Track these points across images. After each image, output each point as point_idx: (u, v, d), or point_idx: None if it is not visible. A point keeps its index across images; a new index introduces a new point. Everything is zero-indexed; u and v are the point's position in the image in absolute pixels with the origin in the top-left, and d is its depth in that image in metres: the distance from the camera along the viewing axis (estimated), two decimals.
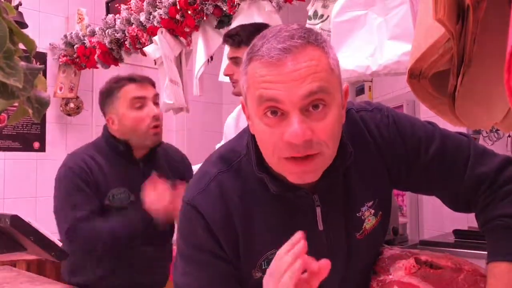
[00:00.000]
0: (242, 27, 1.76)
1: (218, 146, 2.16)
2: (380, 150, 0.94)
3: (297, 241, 0.74)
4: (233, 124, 2.01)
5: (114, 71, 3.35)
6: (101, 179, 1.61)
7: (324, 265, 0.74)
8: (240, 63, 1.73)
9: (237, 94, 1.84)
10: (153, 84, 1.71)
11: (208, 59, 2.45)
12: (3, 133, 3.25)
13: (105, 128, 1.72)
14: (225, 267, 0.89)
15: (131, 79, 1.66)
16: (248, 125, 0.89)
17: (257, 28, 1.80)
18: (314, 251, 0.82)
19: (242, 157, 0.91)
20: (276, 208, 0.89)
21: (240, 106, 1.99)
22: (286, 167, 0.80)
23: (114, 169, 1.64)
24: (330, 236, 0.91)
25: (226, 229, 0.88)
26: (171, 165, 1.77)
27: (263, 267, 0.88)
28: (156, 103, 1.67)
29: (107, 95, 1.68)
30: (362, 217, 0.93)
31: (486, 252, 0.90)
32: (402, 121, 0.97)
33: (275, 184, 0.86)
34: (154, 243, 1.70)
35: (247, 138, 0.92)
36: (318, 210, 0.89)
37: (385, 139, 0.94)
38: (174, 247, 1.06)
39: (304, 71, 0.77)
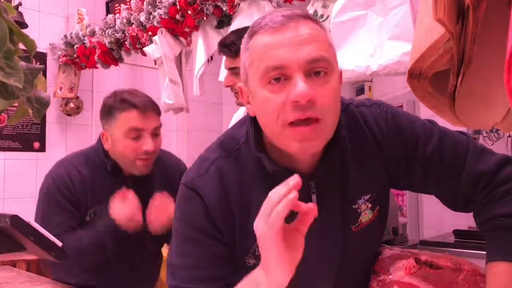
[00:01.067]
0: (238, 35, 1.67)
1: None
2: (378, 145, 0.94)
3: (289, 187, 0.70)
4: None
5: (114, 71, 3.36)
6: (83, 195, 1.56)
7: (312, 207, 0.71)
8: (239, 73, 1.69)
9: (241, 104, 1.79)
10: (158, 112, 1.59)
11: (208, 59, 2.45)
12: (3, 133, 3.25)
13: (100, 140, 1.64)
14: (221, 248, 0.90)
15: (135, 105, 1.53)
16: (247, 112, 0.90)
17: None
18: (307, 238, 0.82)
19: (241, 145, 0.92)
20: (268, 189, 0.88)
21: (243, 108, 1.99)
22: (289, 133, 0.81)
23: (99, 184, 1.58)
24: (325, 226, 0.91)
25: (223, 212, 0.89)
26: (166, 177, 1.67)
27: (256, 253, 0.89)
28: (155, 135, 1.57)
29: (108, 111, 1.58)
30: (359, 210, 0.93)
31: (486, 252, 0.90)
32: (401, 117, 0.97)
33: (272, 164, 0.87)
34: (141, 269, 1.69)
35: (246, 126, 0.93)
36: (314, 197, 0.89)
37: (384, 134, 0.94)
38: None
39: (306, 37, 0.80)
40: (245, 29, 1.86)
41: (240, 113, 2.04)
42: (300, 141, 0.81)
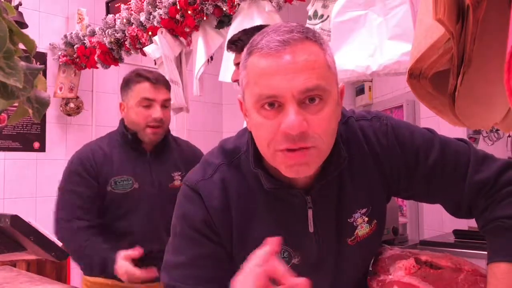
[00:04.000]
0: (244, 31, 1.75)
1: None
2: (377, 159, 0.94)
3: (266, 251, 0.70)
4: None
5: (114, 71, 3.36)
6: (105, 167, 1.73)
7: (303, 284, 0.68)
8: None
9: None
10: (168, 87, 1.80)
11: (208, 59, 2.45)
12: (3, 133, 3.25)
13: (122, 119, 1.83)
14: (218, 250, 0.90)
15: (148, 78, 1.75)
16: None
17: (260, 30, 1.78)
18: (304, 252, 0.86)
19: (241, 154, 0.93)
20: (270, 206, 0.90)
21: None
22: (281, 159, 0.81)
23: (120, 157, 1.76)
24: (320, 239, 0.92)
25: (223, 218, 0.90)
26: (182, 159, 1.86)
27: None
28: (165, 107, 1.76)
29: (126, 84, 1.79)
30: (354, 224, 0.93)
31: (486, 252, 0.90)
32: (400, 129, 0.96)
33: (269, 181, 0.87)
34: (164, 239, 1.76)
35: (247, 135, 0.93)
36: (310, 212, 0.90)
37: (383, 147, 0.94)
38: None
39: (302, 64, 0.78)
40: (252, 27, 1.88)
41: None
42: (291, 166, 0.81)
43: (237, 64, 1.73)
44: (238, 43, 1.69)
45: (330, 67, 0.82)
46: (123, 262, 1.60)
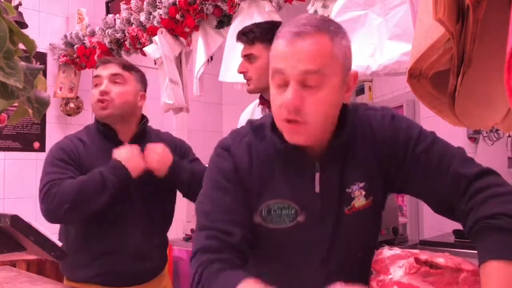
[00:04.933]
0: (256, 24, 1.81)
1: None
2: (377, 144, 1.06)
3: None
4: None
5: None
6: (85, 157, 1.68)
7: None
8: (254, 61, 1.77)
9: (250, 92, 1.84)
10: (122, 65, 1.76)
11: (208, 59, 2.45)
12: (3, 133, 3.25)
13: None
14: (244, 198, 1.05)
15: (101, 60, 1.79)
16: None
17: (272, 25, 1.81)
18: (309, 211, 1.01)
19: (266, 128, 1.08)
20: (285, 169, 1.05)
21: (253, 104, 2.00)
22: (282, 127, 0.99)
23: (98, 149, 1.72)
24: (324, 200, 1.04)
25: (247, 174, 1.06)
26: None
27: (262, 215, 1.04)
28: (114, 82, 1.72)
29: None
30: (352, 195, 1.05)
31: (477, 257, 0.91)
32: (401, 120, 1.07)
33: (284, 145, 1.03)
34: (154, 228, 1.73)
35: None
36: (317, 175, 1.04)
37: (382, 134, 1.06)
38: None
39: (306, 52, 0.94)
40: (265, 21, 1.87)
41: (247, 113, 2.04)
42: (290, 134, 0.99)
43: (245, 56, 1.76)
44: (249, 35, 1.73)
45: (335, 57, 0.96)
46: (117, 150, 1.63)
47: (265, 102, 1.86)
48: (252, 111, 1.98)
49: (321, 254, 1.05)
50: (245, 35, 1.73)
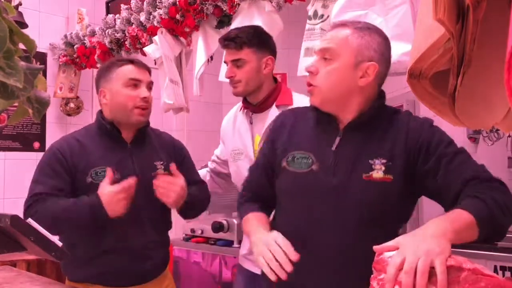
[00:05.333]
0: (239, 29, 1.86)
1: (216, 151, 2.14)
2: (410, 139, 1.23)
3: None
4: (230, 127, 2.00)
5: None
6: (82, 158, 1.67)
7: None
8: (242, 65, 1.79)
9: (238, 94, 1.86)
10: (149, 72, 1.80)
11: (208, 59, 2.45)
12: (3, 133, 3.25)
13: (99, 111, 1.80)
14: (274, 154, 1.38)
15: (131, 61, 1.76)
16: None
17: (255, 30, 1.85)
18: (323, 162, 1.26)
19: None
20: (314, 127, 1.34)
21: (234, 108, 2.01)
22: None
23: (99, 148, 1.70)
24: (337, 159, 1.26)
25: (281, 129, 1.40)
26: (164, 147, 1.85)
27: (288, 160, 1.32)
28: (149, 88, 1.76)
29: (106, 70, 1.76)
30: (373, 166, 1.23)
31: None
32: (437, 128, 1.26)
33: (319, 111, 1.33)
34: (155, 227, 1.74)
35: None
36: (338, 138, 1.28)
37: (417, 133, 1.24)
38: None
39: (330, 36, 1.30)
40: (246, 26, 1.88)
41: (229, 117, 2.06)
42: (310, 96, 1.32)
43: (232, 61, 1.80)
44: (237, 40, 1.77)
45: (349, 44, 1.25)
46: (105, 185, 1.59)
47: (248, 105, 1.88)
48: (235, 115, 1.99)
49: (333, 202, 1.24)
50: (233, 41, 1.78)
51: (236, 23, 2.22)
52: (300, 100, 1.79)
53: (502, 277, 0.94)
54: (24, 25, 3.00)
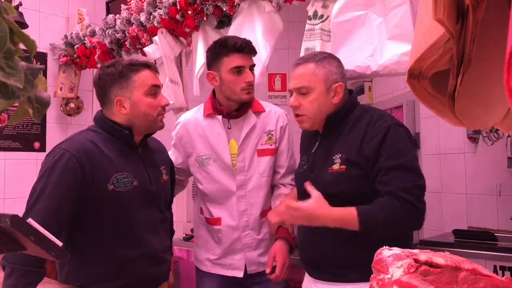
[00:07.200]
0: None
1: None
2: (365, 136, 1.56)
3: None
4: (193, 134, 2.03)
5: None
6: (102, 164, 1.57)
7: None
8: (253, 70, 1.99)
9: (252, 99, 2.04)
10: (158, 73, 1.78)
11: None
12: (3, 133, 3.26)
13: (102, 115, 1.68)
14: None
15: (147, 66, 1.67)
16: None
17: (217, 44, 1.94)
18: (308, 160, 1.72)
19: None
20: (308, 139, 1.78)
21: (190, 113, 2.11)
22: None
23: (114, 153, 1.61)
24: (315, 157, 1.68)
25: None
26: (159, 150, 1.86)
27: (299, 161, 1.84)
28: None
29: (121, 76, 1.62)
30: (334, 160, 1.60)
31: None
32: (395, 135, 1.55)
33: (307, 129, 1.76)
34: (160, 233, 1.73)
35: None
36: (317, 143, 1.70)
37: (371, 135, 1.56)
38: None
39: (298, 75, 1.66)
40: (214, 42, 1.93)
41: (188, 121, 2.07)
42: (298, 123, 1.70)
43: (251, 66, 1.93)
44: (252, 46, 1.90)
45: (316, 76, 1.62)
46: None
47: (224, 112, 1.98)
48: (196, 121, 2.03)
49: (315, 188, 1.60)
50: (252, 46, 1.91)
51: (236, 23, 2.22)
52: (268, 106, 2.04)
53: (502, 277, 0.94)
54: (24, 25, 3.00)
